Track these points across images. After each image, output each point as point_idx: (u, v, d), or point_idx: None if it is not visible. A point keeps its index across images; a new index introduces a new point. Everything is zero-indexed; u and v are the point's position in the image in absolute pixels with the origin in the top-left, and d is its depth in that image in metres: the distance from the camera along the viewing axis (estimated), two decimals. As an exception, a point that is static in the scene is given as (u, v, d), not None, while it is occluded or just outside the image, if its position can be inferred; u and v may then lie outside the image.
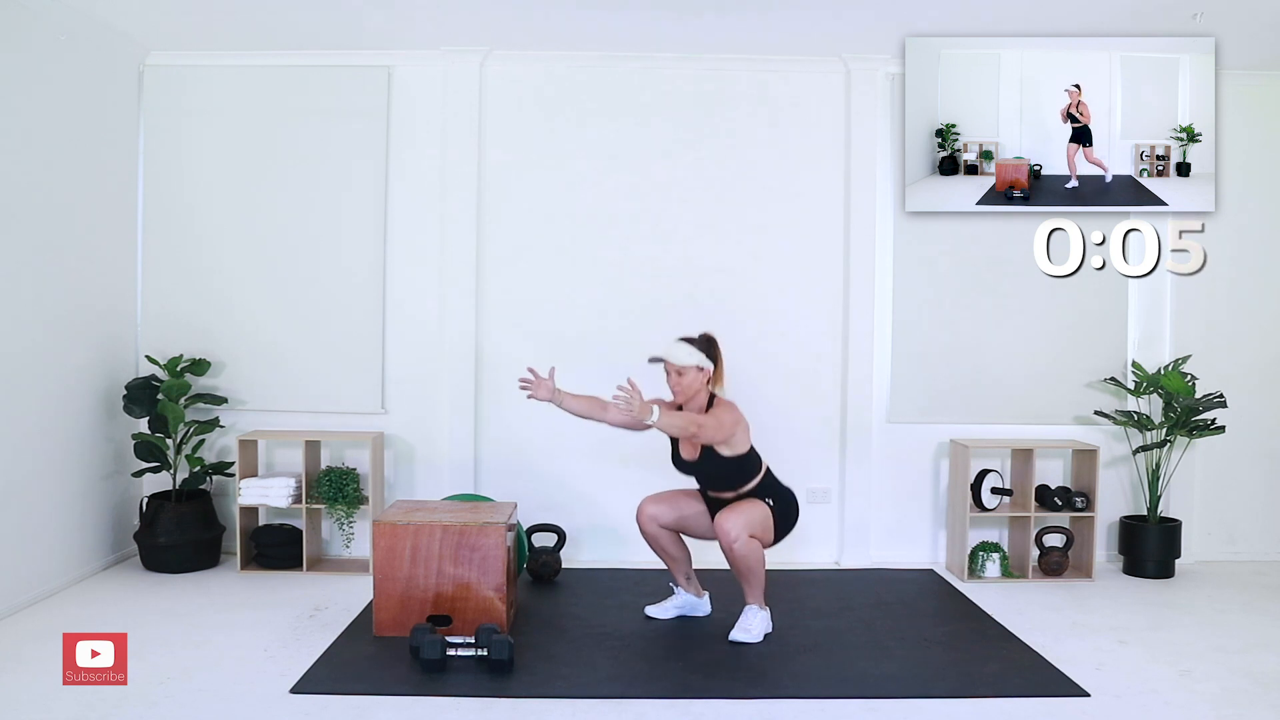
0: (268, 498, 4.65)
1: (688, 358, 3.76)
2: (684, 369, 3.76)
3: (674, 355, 3.77)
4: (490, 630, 3.42)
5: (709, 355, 3.80)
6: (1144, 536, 4.78)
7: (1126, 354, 5.05)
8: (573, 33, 4.66)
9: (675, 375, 3.78)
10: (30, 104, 4.11)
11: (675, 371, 3.77)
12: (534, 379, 3.78)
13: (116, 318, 4.79)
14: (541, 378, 3.79)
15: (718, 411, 3.73)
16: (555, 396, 3.77)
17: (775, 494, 3.83)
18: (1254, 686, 3.37)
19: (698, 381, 3.78)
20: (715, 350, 3.84)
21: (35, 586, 4.11)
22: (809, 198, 4.99)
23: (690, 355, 3.76)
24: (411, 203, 4.95)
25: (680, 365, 3.76)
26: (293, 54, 4.88)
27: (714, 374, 3.83)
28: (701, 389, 3.80)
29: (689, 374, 3.77)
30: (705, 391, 3.82)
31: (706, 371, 3.79)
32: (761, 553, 3.74)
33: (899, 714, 3.13)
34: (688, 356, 3.76)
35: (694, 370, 3.77)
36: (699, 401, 3.81)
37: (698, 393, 3.80)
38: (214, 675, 3.34)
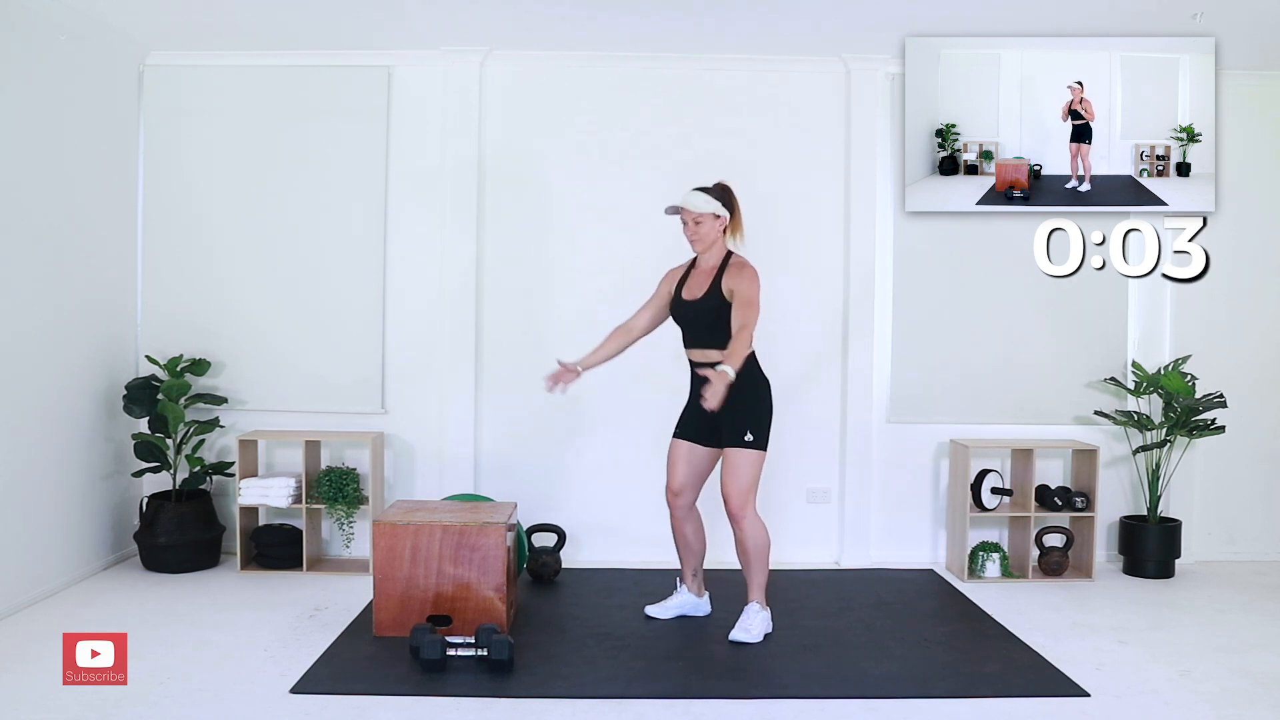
0: (268, 498, 4.65)
1: (705, 205, 3.76)
2: (701, 217, 3.77)
3: (691, 203, 3.77)
4: (490, 630, 3.42)
5: (725, 204, 3.80)
6: (1144, 536, 4.79)
7: (1126, 354, 5.05)
8: (573, 33, 4.66)
9: (692, 224, 3.78)
10: (30, 104, 4.11)
11: (692, 220, 3.78)
12: (556, 374, 3.85)
13: (116, 317, 4.79)
14: (561, 368, 3.85)
15: (745, 290, 3.68)
16: (580, 371, 3.86)
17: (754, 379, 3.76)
18: (1254, 686, 3.37)
19: (715, 230, 3.79)
20: (731, 198, 3.84)
21: (35, 586, 4.11)
22: (809, 198, 4.99)
23: (707, 203, 3.76)
24: (411, 203, 4.95)
25: (698, 213, 3.76)
26: (293, 54, 4.88)
27: (731, 223, 3.83)
28: (719, 237, 3.81)
29: (706, 222, 3.77)
30: (722, 240, 3.83)
31: (723, 219, 3.80)
32: (767, 537, 3.76)
33: (899, 714, 3.13)
34: (705, 204, 3.76)
35: (710, 218, 3.77)
36: (717, 249, 3.82)
37: (715, 241, 3.81)
38: (214, 675, 3.34)
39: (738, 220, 3.86)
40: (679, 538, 3.98)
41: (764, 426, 3.76)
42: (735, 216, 3.85)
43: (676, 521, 3.95)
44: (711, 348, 3.77)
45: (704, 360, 3.81)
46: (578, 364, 3.89)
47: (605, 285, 4.94)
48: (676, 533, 3.98)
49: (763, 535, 3.75)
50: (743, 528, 3.71)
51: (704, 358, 3.80)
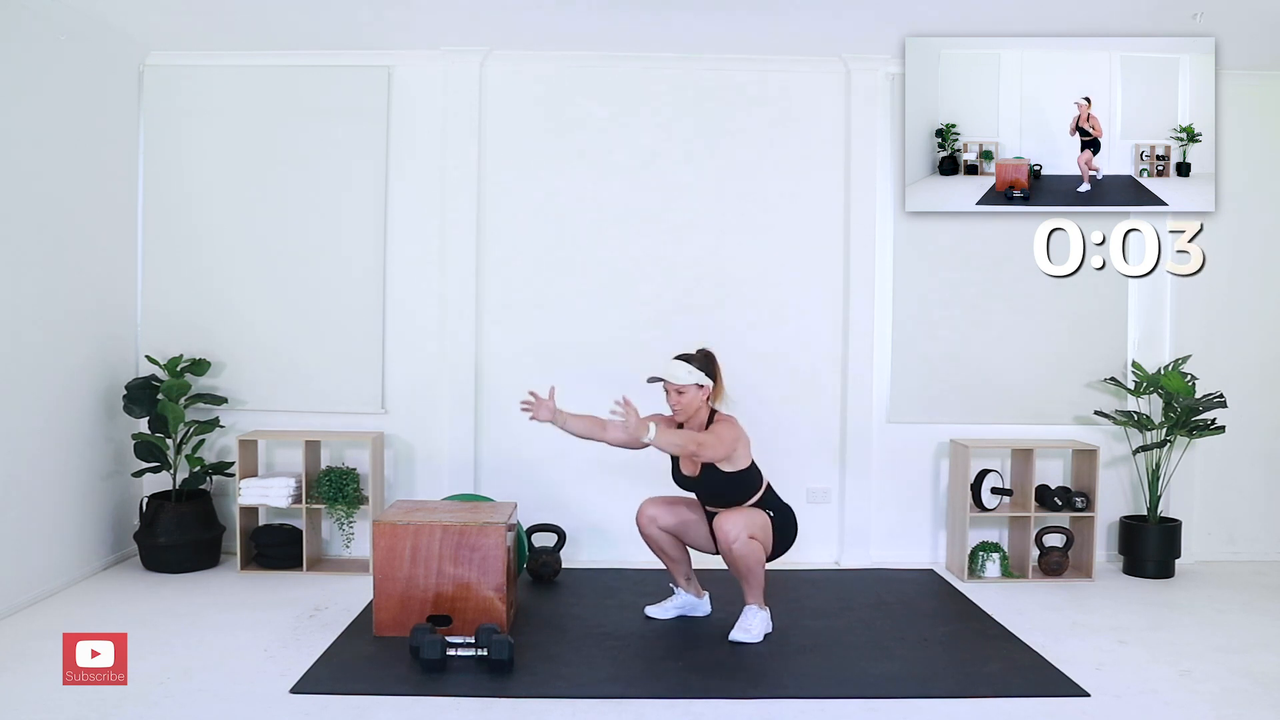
0: (268, 498, 4.65)
1: (687, 376, 3.75)
2: (684, 388, 3.76)
3: (673, 374, 3.76)
4: (490, 630, 3.42)
5: (707, 372, 3.79)
6: (1144, 536, 4.78)
7: (1126, 354, 5.05)
8: (573, 33, 4.66)
9: (675, 394, 3.77)
10: (30, 104, 4.11)
11: (675, 390, 3.77)
12: (535, 401, 3.77)
13: (116, 317, 4.79)
14: (542, 399, 3.77)
15: (718, 428, 3.73)
16: (557, 418, 3.76)
17: (775, 509, 3.83)
18: (1254, 686, 3.37)
19: (697, 399, 3.78)
20: (714, 366, 3.83)
21: (35, 586, 4.11)
22: (809, 197, 4.99)
23: (689, 374, 3.75)
24: (411, 202, 4.95)
25: (680, 385, 3.75)
26: (293, 54, 4.88)
27: (713, 390, 3.82)
28: (702, 406, 3.80)
29: (689, 392, 3.76)
30: (705, 409, 3.82)
31: (706, 389, 3.79)
32: (761, 553, 3.74)
33: (899, 714, 3.13)
34: (687, 375, 3.75)
35: (694, 389, 3.77)
36: (699, 419, 3.81)
37: (698, 410, 3.80)
38: (214, 675, 3.34)
39: (720, 388, 3.85)
40: (657, 551, 3.98)
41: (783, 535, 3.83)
42: (718, 384, 3.84)
43: (648, 539, 3.95)
44: (727, 507, 3.80)
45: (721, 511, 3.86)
46: (558, 411, 3.77)
47: (605, 284, 4.95)
48: (653, 548, 3.97)
49: (757, 551, 3.73)
50: (734, 550, 3.69)
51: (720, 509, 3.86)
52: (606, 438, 3.81)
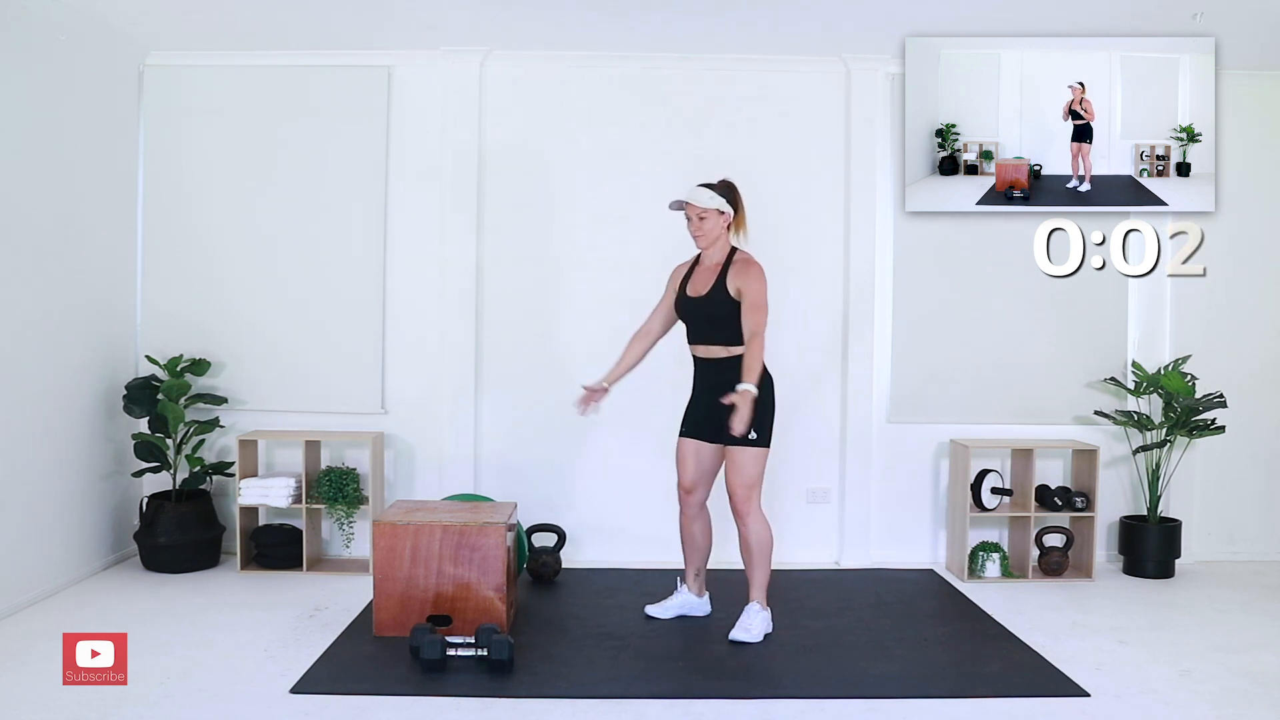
0: (268, 498, 4.65)
1: (709, 201, 3.76)
2: (705, 212, 3.77)
3: (695, 198, 3.77)
4: (490, 630, 3.42)
5: (729, 200, 3.80)
6: (1144, 536, 4.78)
7: (1126, 354, 5.05)
8: (573, 33, 4.66)
9: (696, 220, 3.78)
10: (30, 104, 4.11)
11: (696, 216, 3.78)
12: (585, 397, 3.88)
13: (116, 318, 4.79)
14: (588, 391, 3.87)
15: (753, 290, 3.68)
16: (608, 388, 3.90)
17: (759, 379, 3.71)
18: (1254, 686, 3.37)
19: (718, 226, 3.79)
20: (736, 195, 3.84)
21: (35, 586, 4.11)
22: (809, 197, 4.99)
23: (711, 199, 3.77)
24: (412, 202, 4.95)
25: (701, 208, 3.76)
26: (293, 54, 4.88)
27: (735, 219, 3.83)
28: (722, 234, 3.81)
29: (710, 218, 3.77)
30: (726, 237, 3.83)
31: (727, 216, 3.80)
32: (770, 535, 3.77)
33: (899, 714, 3.13)
34: (709, 200, 3.76)
35: (715, 214, 3.78)
36: (720, 247, 3.82)
37: (719, 238, 3.81)
38: (214, 675, 3.34)
39: (741, 217, 3.87)
40: (686, 536, 3.99)
41: (767, 424, 3.76)
42: (739, 213, 3.86)
43: (686, 520, 3.96)
44: (716, 344, 3.78)
45: (709, 356, 3.82)
46: (604, 381, 3.91)
47: (605, 285, 4.95)
48: (684, 531, 3.98)
49: (766, 533, 3.76)
50: (747, 524, 3.72)
51: (709, 354, 3.81)
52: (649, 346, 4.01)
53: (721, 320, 3.74)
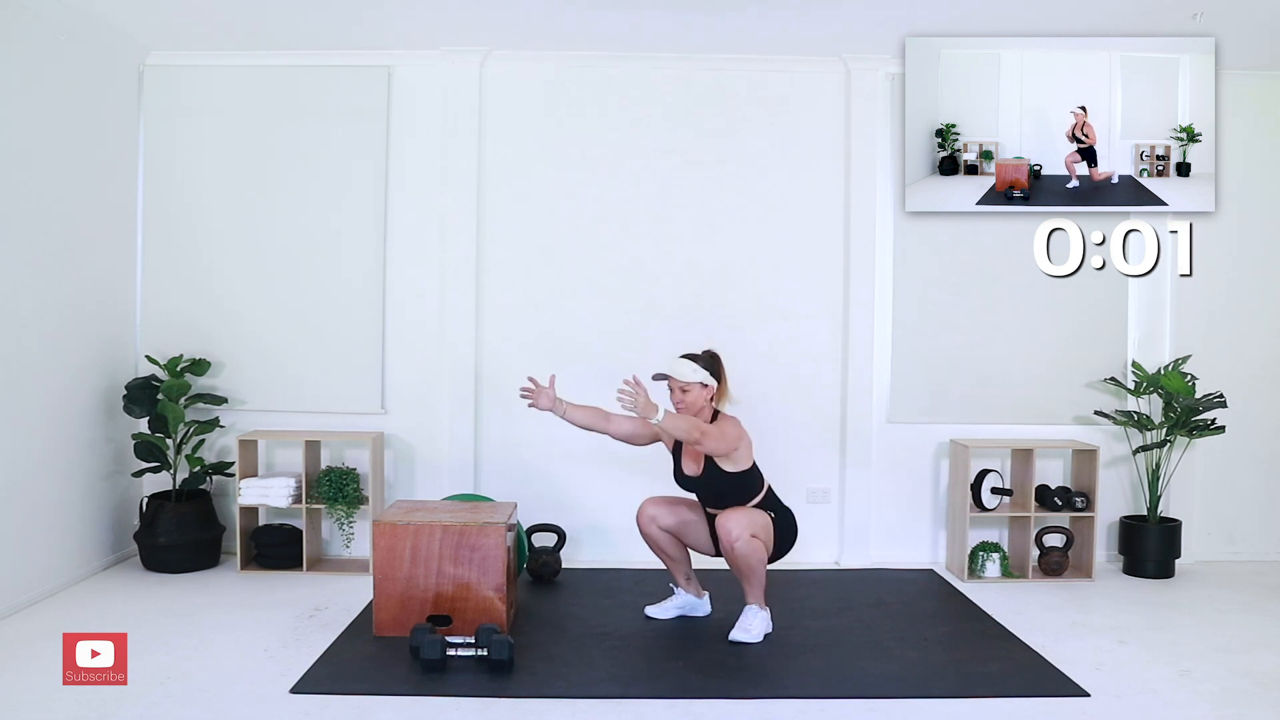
0: (268, 498, 4.65)
1: (692, 374, 3.77)
2: (688, 385, 3.77)
3: (678, 371, 3.78)
4: (490, 630, 3.42)
5: (712, 372, 3.81)
6: (1144, 536, 4.78)
7: (1126, 354, 5.05)
8: (573, 33, 4.66)
9: (679, 392, 3.79)
10: (30, 103, 4.11)
11: (679, 388, 3.78)
12: (535, 388, 3.76)
13: (116, 318, 4.79)
14: (542, 386, 3.77)
15: (723, 424, 3.75)
16: (557, 407, 3.75)
17: (775, 510, 3.83)
18: (1254, 686, 3.37)
19: (701, 398, 3.79)
20: (719, 367, 3.85)
21: (35, 586, 4.11)
22: (809, 198, 4.99)
23: (695, 372, 3.77)
24: (411, 202, 4.95)
25: (685, 382, 3.77)
26: (292, 54, 4.88)
27: (718, 391, 3.83)
28: (705, 406, 3.81)
29: (693, 390, 3.77)
30: (709, 409, 3.82)
31: (710, 388, 3.80)
32: (763, 552, 3.74)
33: (899, 714, 3.13)
34: (692, 373, 3.77)
35: (698, 387, 3.78)
36: (703, 419, 3.80)
37: (701, 410, 3.80)
38: (214, 675, 3.34)
39: (724, 388, 3.87)
40: (657, 551, 3.98)
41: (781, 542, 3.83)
42: (722, 384, 3.86)
43: (648, 539, 3.95)
44: (727, 507, 3.79)
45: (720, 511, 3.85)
46: (558, 400, 3.76)
47: (606, 284, 4.95)
48: (653, 548, 3.98)
49: (759, 550, 3.73)
50: (736, 549, 3.69)
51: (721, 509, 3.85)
52: (610, 429, 3.82)
53: (725, 491, 3.78)
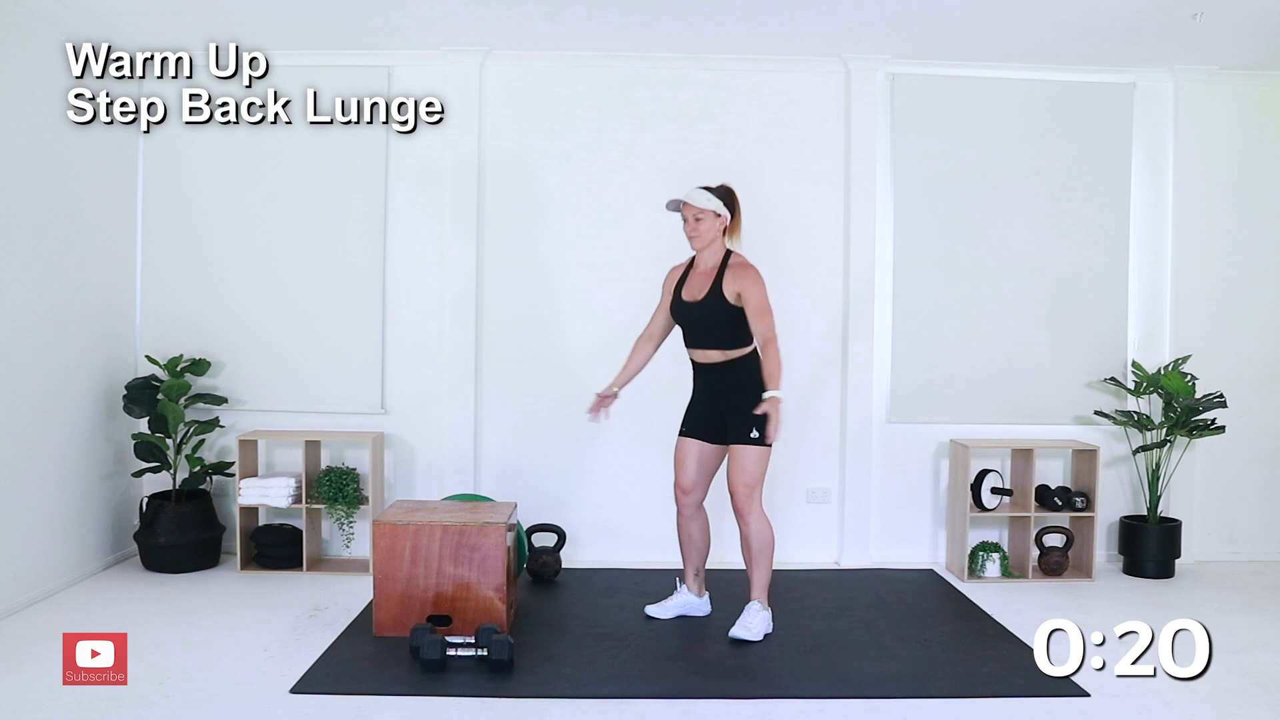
0: (268, 498, 4.65)
1: (706, 202, 3.79)
2: (701, 213, 3.79)
3: (693, 198, 3.80)
4: (490, 630, 3.42)
5: (727, 204, 3.83)
6: (1144, 536, 4.78)
7: (1126, 354, 5.05)
8: (572, 33, 4.66)
9: (693, 221, 3.81)
10: (30, 103, 4.11)
11: (693, 216, 3.80)
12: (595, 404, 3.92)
13: (116, 317, 4.79)
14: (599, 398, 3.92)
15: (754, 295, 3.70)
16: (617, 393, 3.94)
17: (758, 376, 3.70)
18: (1254, 686, 3.37)
19: (715, 229, 3.81)
20: (734, 200, 3.87)
21: (35, 586, 4.11)
22: (809, 197, 4.99)
23: (709, 200, 3.79)
24: (411, 202, 4.95)
25: (699, 209, 3.79)
26: (292, 54, 4.86)
27: (730, 224, 3.85)
28: (717, 237, 3.83)
29: (706, 219, 3.79)
30: (721, 241, 3.85)
31: (724, 219, 3.82)
32: (771, 535, 3.78)
33: (899, 714, 3.13)
34: (706, 201, 3.79)
35: (711, 216, 3.80)
36: (714, 251, 3.84)
37: (714, 240, 3.83)
38: (214, 675, 3.34)
39: (737, 222, 3.88)
40: (684, 536, 3.99)
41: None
42: (736, 218, 3.87)
43: (683, 520, 3.96)
44: (713, 348, 3.79)
45: (707, 360, 3.83)
46: (613, 386, 3.95)
47: (605, 284, 4.95)
48: (682, 531, 3.99)
49: (768, 533, 3.77)
50: (748, 523, 3.73)
51: (706, 358, 3.82)
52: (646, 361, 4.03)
53: (718, 325, 3.76)
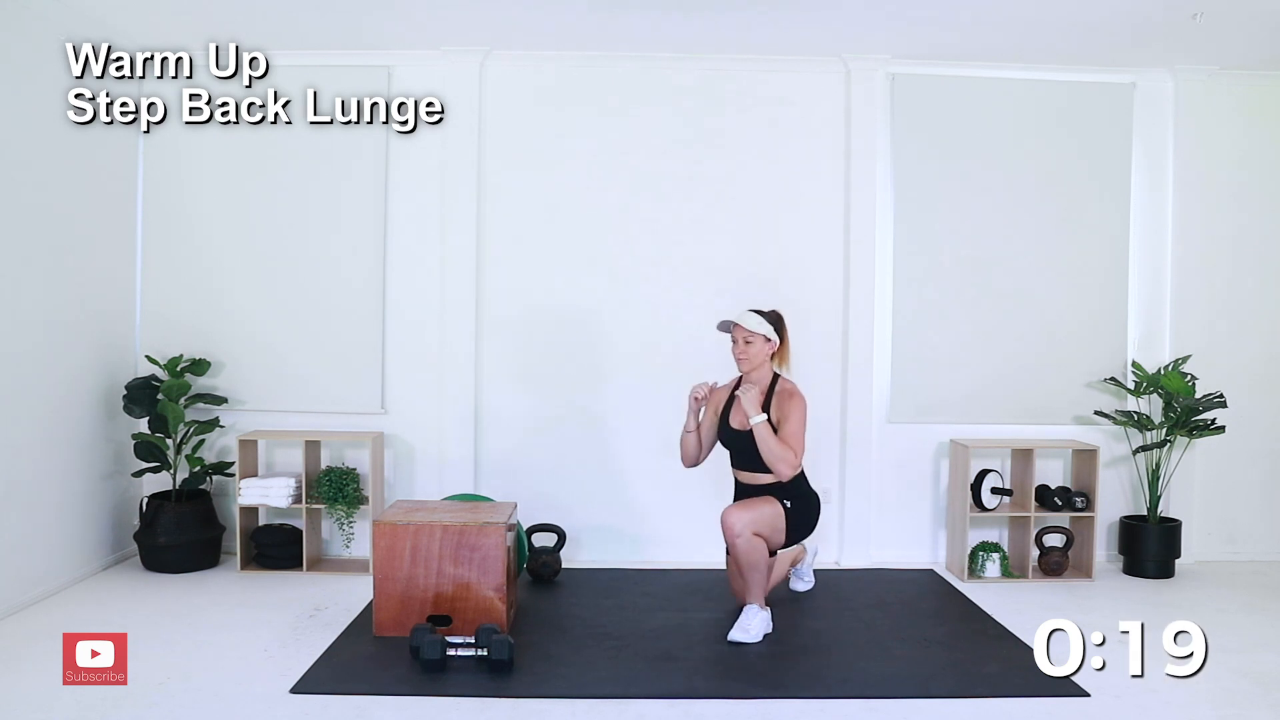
0: (268, 498, 4.65)
1: (758, 326, 3.82)
2: (752, 337, 3.83)
3: (745, 321, 3.84)
4: (490, 630, 3.42)
5: (776, 330, 3.86)
6: (1144, 536, 4.78)
7: (1126, 354, 5.05)
8: (573, 33, 4.66)
9: (743, 343, 3.84)
10: (30, 104, 4.11)
11: (744, 339, 3.83)
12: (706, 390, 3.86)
13: (116, 318, 4.79)
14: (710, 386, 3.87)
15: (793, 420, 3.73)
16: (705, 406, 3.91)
17: (799, 495, 3.83)
18: (1254, 686, 3.37)
19: (764, 353, 3.84)
20: (783, 327, 3.91)
21: (35, 586, 4.11)
22: (808, 197, 4.99)
23: (760, 324, 3.83)
24: (411, 202, 4.95)
25: (749, 332, 3.82)
26: (292, 54, 4.86)
27: (780, 350, 3.88)
28: (765, 362, 3.86)
29: (756, 343, 3.83)
30: (769, 366, 3.87)
31: (773, 344, 3.85)
32: (764, 552, 3.74)
33: (899, 714, 3.13)
34: (758, 325, 3.82)
35: (761, 340, 3.83)
36: (763, 374, 3.86)
37: (762, 364, 3.85)
38: (214, 675, 3.34)
39: (786, 348, 3.92)
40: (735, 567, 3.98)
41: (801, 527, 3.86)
42: (784, 344, 3.91)
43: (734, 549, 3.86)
44: (761, 471, 3.81)
45: (753, 483, 3.87)
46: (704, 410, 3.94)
47: (605, 283, 4.95)
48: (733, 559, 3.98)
49: (760, 550, 3.73)
50: (737, 546, 3.71)
51: (753, 480, 3.87)
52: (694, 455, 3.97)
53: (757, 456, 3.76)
